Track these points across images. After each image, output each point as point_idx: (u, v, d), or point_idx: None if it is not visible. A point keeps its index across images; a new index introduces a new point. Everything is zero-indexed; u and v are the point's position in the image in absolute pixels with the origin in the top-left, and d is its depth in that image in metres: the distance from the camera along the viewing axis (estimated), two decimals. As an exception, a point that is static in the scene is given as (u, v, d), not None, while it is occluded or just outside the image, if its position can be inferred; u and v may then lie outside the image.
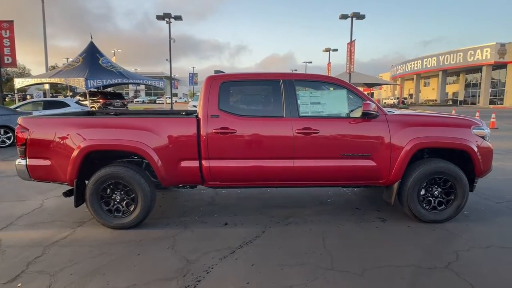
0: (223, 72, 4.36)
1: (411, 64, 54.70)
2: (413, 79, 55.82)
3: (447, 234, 3.63)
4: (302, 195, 5.01)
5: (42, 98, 17.40)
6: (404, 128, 3.75)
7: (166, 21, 25.25)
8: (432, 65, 49.31)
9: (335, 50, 37.01)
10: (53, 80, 18.22)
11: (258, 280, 2.76)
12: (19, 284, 2.73)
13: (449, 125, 3.86)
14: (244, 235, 3.62)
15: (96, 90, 20.38)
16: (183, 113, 5.43)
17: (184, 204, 4.72)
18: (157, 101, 66.02)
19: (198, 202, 4.78)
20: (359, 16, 24.16)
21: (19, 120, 3.83)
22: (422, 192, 3.87)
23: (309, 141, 3.72)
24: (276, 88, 3.84)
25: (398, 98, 47.21)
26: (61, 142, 3.71)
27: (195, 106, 20.42)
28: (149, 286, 2.69)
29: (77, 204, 3.81)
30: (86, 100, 17.97)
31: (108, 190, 3.79)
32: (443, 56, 46.91)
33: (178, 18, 25.23)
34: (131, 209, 3.80)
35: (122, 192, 3.80)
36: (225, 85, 3.84)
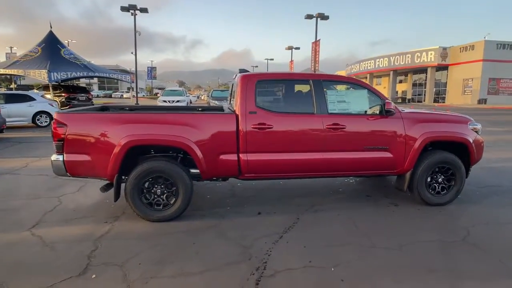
0: (248, 71, 4.62)
1: (365, 64, 57.79)
2: (366, 77, 59.00)
3: (451, 215, 4.24)
4: (313, 186, 5.41)
5: (2, 91, 15.99)
6: (415, 124, 4.29)
7: (131, 13, 24.38)
8: (384, 65, 52.53)
9: (297, 48, 38.09)
10: (9, 71, 16.89)
11: (317, 258, 3.10)
12: (93, 276, 2.81)
13: (451, 121, 4.48)
14: (282, 222, 3.94)
15: (57, 83, 19.19)
16: (200, 109, 5.58)
17: (208, 197, 4.90)
18: (113, 96, 63.12)
19: (220, 195, 4.99)
20: (324, 17, 25.20)
21: (56, 115, 3.79)
22: (429, 179, 4.45)
23: (337, 135, 4.13)
24: (307, 87, 4.19)
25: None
26: (102, 137, 3.74)
27: (165, 101, 20.10)
28: (222, 270, 2.92)
29: (116, 198, 3.87)
30: (49, 94, 16.88)
31: (148, 184, 3.90)
32: (393, 57, 50.16)
33: (144, 10, 24.49)
34: (172, 201, 3.93)
35: (162, 186, 3.92)
36: (260, 84, 4.10)
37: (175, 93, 21.71)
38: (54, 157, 3.80)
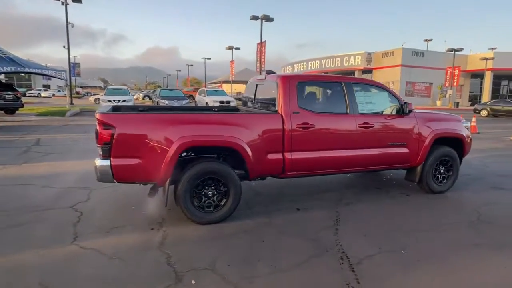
0: (274, 72, 4.78)
1: (298, 66, 60.66)
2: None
3: (455, 200, 4.95)
4: (322, 182, 5.76)
5: None
6: (426, 123, 4.90)
7: (62, 2, 22.18)
8: (316, 67, 55.82)
9: (238, 48, 38.46)
10: None
11: (384, 245, 3.42)
12: (193, 281, 2.74)
13: (450, 120, 5.21)
14: (325, 217, 4.19)
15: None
16: (215, 109, 5.53)
17: (235, 197, 4.91)
18: (27, 94, 56.13)
19: (245, 195, 5.03)
20: (268, 19, 25.95)
21: (100, 116, 3.49)
22: (433, 170, 5.11)
23: (367, 134, 4.52)
24: (340, 89, 4.50)
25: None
26: (154, 139, 3.57)
27: (110, 101, 18.77)
28: (310, 263, 3.07)
29: (167, 203, 3.73)
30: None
31: (199, 186, 3.82)
32: (324, 60, 53.66)
33: (76, 0, 22.44)
34: (222, 203, 3.91)
35: (213, 187, 3.88)
36: (300, 85, 4.29)
37: (119, 92, 20.39)
38: (99, 162, 3.51)
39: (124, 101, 18.87)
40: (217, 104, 20.20)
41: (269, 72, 4.80)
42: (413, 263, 3.09)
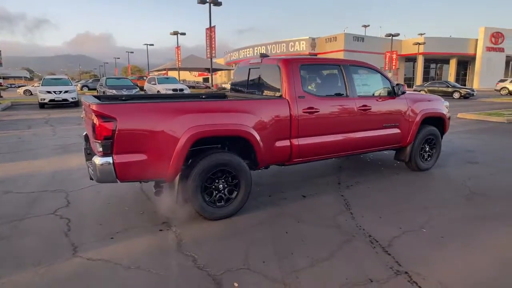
0: (268, 55, 4.57)
1: (244, 52, 60.32)
2: (246, 65, 61.78)
3: (440, 176, 5.24)
4: (313, 167, 5.74)
5: None
6: (414, 103, 5.07)
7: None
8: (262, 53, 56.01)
9: (183, 34, 36.98)
10: None
11: (402, 225, 3.48)
12: (236, 284, 2.52)
13: (433, 100, 5.45)
14: (332, 201, 4.16)
15: None
16: (203, 96, 5.15)
17: (234, 188, 4.68)
18: None
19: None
20: (216, 3, 25.15)
21: (97, 107, 3.01)
22: (420, 149, 5.34)
23: (366, 116, 4.54)
24: (339, 71, 4.43)
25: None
26: (161, 130, 3.20)
27: (49, 92, 16.91)
28: (343, 249, 3.00)
29: (178, 200, 3.39)
30: None
31: (208, 180, 3.53)
32: (270, 46, 53.97)
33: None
34: (233, 196, 3.67)
35: (223, 180, 3.61)
36: (302, 68, 4.14)
37: (59, 82, 18.42)
38: (99, 160, 3.04)
39: (66, 92, 17.17)
40: (170, 92, 19.35)
41: (264, 55, 4.57)
42: (438, 240, 3.17)
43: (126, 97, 4.54)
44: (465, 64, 52.28)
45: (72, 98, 17.27)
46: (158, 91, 19.77)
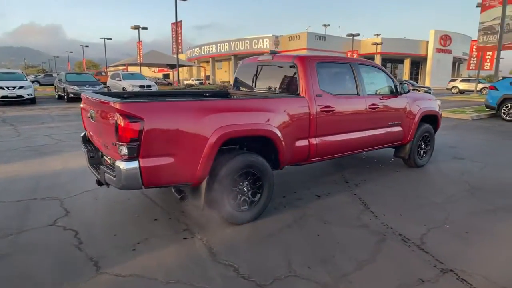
0: (277, 52, 4.46)
1: (206, 48, 59.47)
2: (208, 61, 60.91)
3: (436, 171, 5.45)
4: (318, 165, 5.72)
5: None
6: (414, 102, 5.21)
7: None
8: (225, 50, 55.56)
9: (145, 28, 35.54)
10: None
11: (426, 221, 3.54)
12: (290, 292, 2.39)
13: (429, 99, 5.63)
14: (348, 200, 4.16)
15: None
16: (207, 94, 4.89)
17: (244, 189, 4.51)
18: None
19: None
20: (183, -3, 24.46)
21: (121, 106, 2.71)
22: (417, 146, 5.51)
23: (374, 114, 4.58)
24: (350, 70, 4.41)
25: (199, 79, 50.92)
26: (190, 131, 2.96)
27: (1, 88, 15.39)
28: (380, 249, 2.98)
29: (204, 205, 3.18)
30: None
31: (233, 183, 3.35)
32: (233, 43, 53.69)
33: None
34: (256, 198, 3.52)
35: (246, 182, 3.44)
36: (319, 66, 4.06)
37: (12, 77, 16.82)
38: (124, 165, 2.74)
39: (21, 87, 15.77)
40: (137, 89, 18.51)
41: (273, 52, 4.44)
42: (465, 236, 3.26)
43: (138, 94, 4.18)
44: (417, 64, 55.70)
45: (28, 95, 15.89)
46: (123, 88, 18.81)
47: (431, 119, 5.67)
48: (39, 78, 38.54)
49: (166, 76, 63.11)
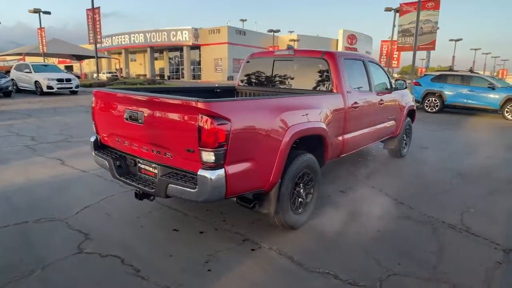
0: (293, 47, 4.37)
1: (118, 38, 54.84)
2: (121, 53, 56.32)
3: (419, 160, 5.99)
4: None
5: None
6: (403, 97, 5.62)
7: None
8: (140, 41, 52.03)
9: (48, 13, 31.12)
10: None
11: (454, 208, 3.87)
12: (408, 292, 2.37)
13: (408, 94, 6.12)
14: (375, 193, 4.30)
15: None
16: (218, 90, 4.47)
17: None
18: None
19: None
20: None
21: (206, 105, 2.29)
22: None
23: (381, 109, 4.81)
24: (363, 67, 4.53)
25: (111, 72, 46.66)
26: (267, 132, 2.69)
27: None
28: (442, 234, 3.16)
29: (273, 212, 2.94)
30: None
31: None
32: (149, 34, 50.57)
33: None
34: (308, 199, 3.39)
35: (302, 184, 3.29)
36: (346, 63, 4.07)
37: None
38: (210, 173, 2.33)
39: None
40: (55, 83, 16.20)
41: (291, 47, 4.30)
42: (496, 218, 3.65)
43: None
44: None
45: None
46: (36, 81, 16.21)
47: (410, 113, 6.20)
48: None
49: (69, 68, 56.48)
